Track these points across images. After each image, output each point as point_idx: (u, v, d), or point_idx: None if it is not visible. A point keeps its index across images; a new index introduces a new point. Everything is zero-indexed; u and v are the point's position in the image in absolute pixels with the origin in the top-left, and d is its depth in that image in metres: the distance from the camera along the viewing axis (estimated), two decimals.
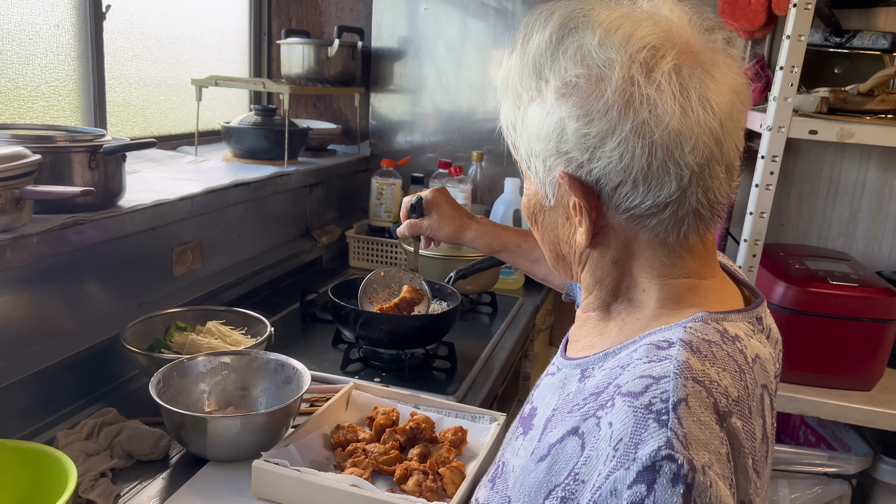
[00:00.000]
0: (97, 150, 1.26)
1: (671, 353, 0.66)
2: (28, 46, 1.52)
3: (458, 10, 2.31)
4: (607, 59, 0.68)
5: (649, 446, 0.59)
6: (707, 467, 0.59)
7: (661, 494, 0.58)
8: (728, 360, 0.68)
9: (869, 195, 2.09)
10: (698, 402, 0.62)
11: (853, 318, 1.64)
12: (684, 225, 0.71)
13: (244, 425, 1.08)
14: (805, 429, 2.04)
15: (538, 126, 0.72)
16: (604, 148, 0.68)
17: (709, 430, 0.62)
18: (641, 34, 0.68)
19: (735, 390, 0.66)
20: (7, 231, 1.10)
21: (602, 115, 0.67)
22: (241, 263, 1.79)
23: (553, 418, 0.75)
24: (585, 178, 0.70)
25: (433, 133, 2.41)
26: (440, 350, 1.53)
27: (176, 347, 1.33)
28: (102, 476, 1.03)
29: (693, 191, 0.68)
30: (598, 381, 0.71)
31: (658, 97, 0.66)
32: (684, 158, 0.67)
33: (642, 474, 0.59)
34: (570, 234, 0.77)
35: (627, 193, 0.69)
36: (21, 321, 1.17)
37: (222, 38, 2.28)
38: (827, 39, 1.99)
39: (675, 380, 0.63)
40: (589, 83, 0.68)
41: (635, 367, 0.67)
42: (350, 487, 0.98)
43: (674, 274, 0.74)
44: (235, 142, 1.98)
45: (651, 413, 0.61)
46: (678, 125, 0.66)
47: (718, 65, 0.69)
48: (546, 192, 0.75)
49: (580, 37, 0.70)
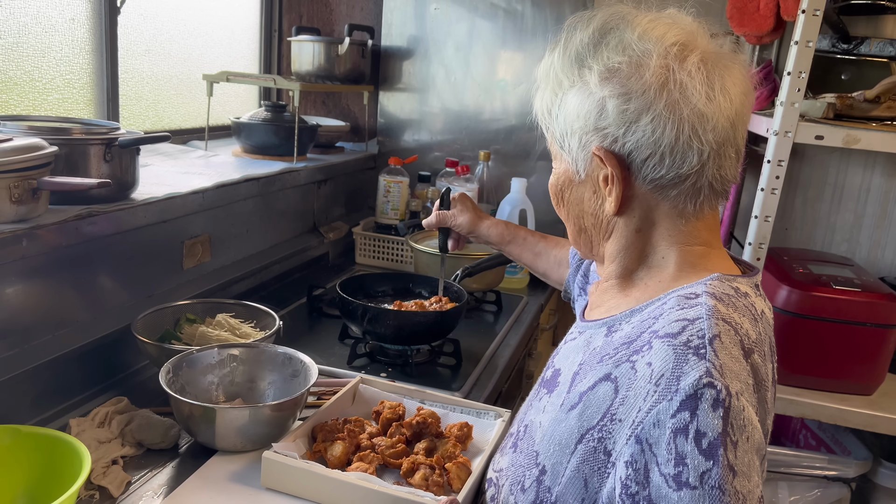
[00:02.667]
0: (112, 143, 1.28)
1: (700, 301, 0.76)
2: (44, 39, 1.54)
3: (467, 11, 2.32)
4: (646, 49, 0.78)
5: (691, 377, 0.68)
6: (740, 394, 0.68)
7: (703, 418, 0.66)
8: (745, 309, 0.78)
9: (873, 201, 2.10)
10: (729, 338, 0.72)
11: (855, 322, 1.65)
12: (700, 196, 0.81)
13: (252, 416, 1.10)
14: (805, 432, 2.05)
15: (579, 106, 0.81)
16: (639, 122, 0.77)
17: (738, 364, 0.71)
18: (673, 33, 0.79)
19: (753, 333, 0.76)
20: (23, 221, 1.12)
21: (640, 94, 0.77)
22: (249, 258, 1.81)
23: (580, 372, 0.83)
24: (619, 150, 0.80)
25: (441, 132, 2.43)
26: (446, 347, 1.55)
27: (186, 339, 1.34)
28: (114, 463, 1.05)
29: (710, 166, 0.79)
30: (627, 333, 0.80)
31: (689, 81, 0.77)
32: (706, 136, 0.77)
33: (685, 402, 0.67)
34: (596, 206, 0.86)
35: (655, 165, 0.79)
36: (35, 310, 1.19)
37: (233, 35, 2.30)
38: (835, 46, 2.00)
39: (708, 319, 0.73)
40: (630, 68, 0.78)
41: (668, 314, 0.76)
42: (358, 480, 0.99)
43: (690, 241, 0.83)
44: (245, 137, 2.00)
45: (690, 348, 0.70)
46: (703, 107, 0.77)
47: (732, 66, 0.80)
48: (577, 167, 0.85)
49: (621, 33, 0.81)
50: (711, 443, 0.65)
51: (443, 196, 1.40)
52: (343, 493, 0.99)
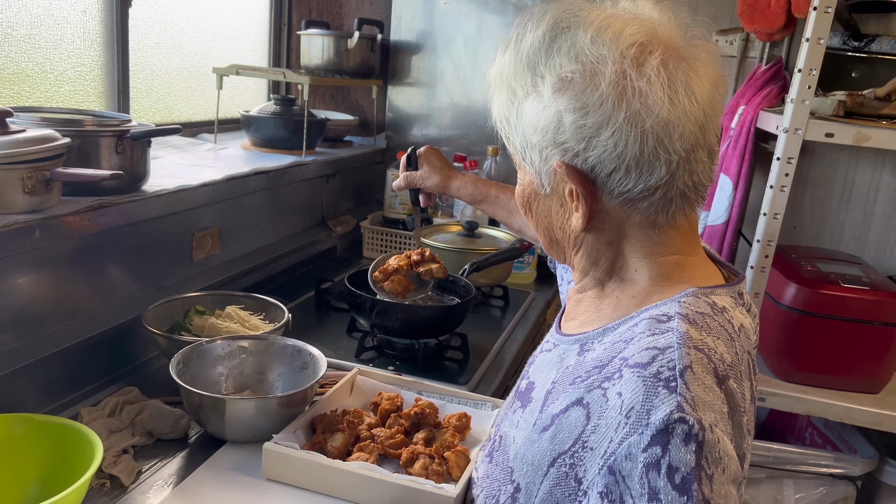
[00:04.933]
0: (124, 135, 1.29)
1: (672, 326, 0.71)
2: (56, 31, 1.55)
3: (476, 6, 2.32)
4: (600, 55, 0.73)
5: (661, 411, 0.64)
6: (713, 425, 0.65)
7: (675, 453, 0.63)
8: (720, 329, 0.74)
9: (883, 199, 2.10)
10: (701, 367, 0.68)
11: (863, 320, 1.65)
12: (672, 206, 0.76)
13: (260, 408, 1.11)
14: (811, 430, 2.05)
15: (535, 119, 0.76)
16: (599, 137, 0.72)
17: (712, 393, 0.67)
18: (630, 32, 0.73)
19: (729, 356, 0.72)
20: (36, 212, 1.13)
21: (597, 108, 0.72)
22: (258, 250, 1.82)
23: (553, 391, 0.79)
24: (581, 166, 0.75)
25: (449, 127, 2.43)
26: (453, 341, 1.56)
27: (195, 330, 1.35)
28: (124, 452, 1.06)
29: (680, 174, 0.74)
30: (599, 355, 0.76)
31: (648, 89, 0.71)
32: (673, 145, 0.72)
33: (656, 437, 0.64)
34: (564, 219, 0.82)
35: (621, 179, 0.74)
36: (46, 300, 1.20)
37: (243, 28, 2.30)
38: (846, 43, 2.00)
39: (678, 349, 0.68)
40: (584, 78, 0.73)
41: (639, 340, 0.72)
42: (359, 469, 1.00)
43: (664, 252, 0.79)
44: (254, 130, 2.00)
45: (660, 381, 0.66)
46: (667, 115, 0.71)
47: (699, 58, 0.74)
48: (542, 180, 0.80)
49: (573, 35, 0.75)
50: (685, 478, 0.63)
51: (409, 156, 1.36)
52: (344, 483, 1.00)
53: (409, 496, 0.97)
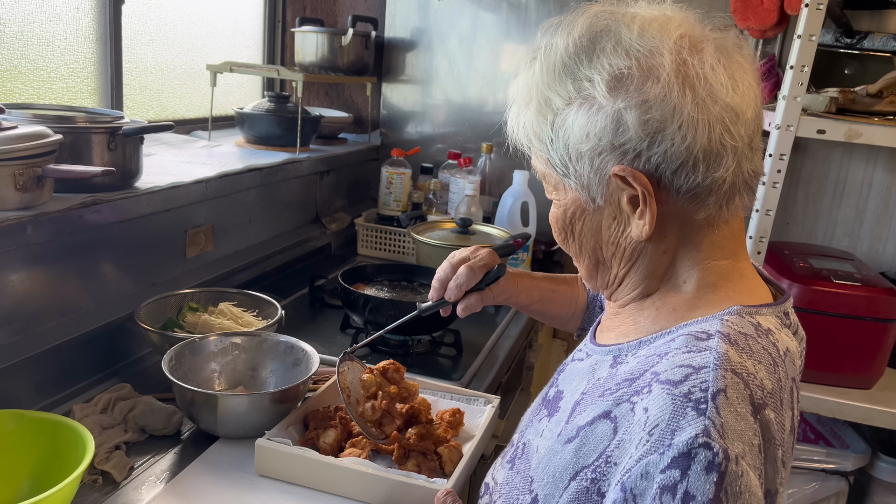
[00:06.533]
0: (116, 132, 1.29)
1: (710, 345, 0.68)
2: (48, 28, 1.55)
3: (471, 3, 2.32)
4: (653, 47, 0.70)
5: (686, 433, 0.61)
6: (740, 457, 0.61)
7: (694, 480, 0.60)
8: (763, 353, 0.70)
9: (875, 196, 2.10)
10: (736, 393, 0.64)
11: (855, 316, 1.65)
12: (736, 197, 0.74)
13: (253, 404, 1.11)
14: (804, 425, 2.05)
15: (584, 126, 0.72)
16: (665, 132, 0.69)
17: (744, 422, 0.63)
18: (674, 25, 0.72)
19: (770, 383, 0.68)
20: (28, 208, 1.13)
21: (661, 99, 0.69)
22: (252, 247, 1.82)
23: (582, 402, 0.76)
24: (644, 167, 0.71)
25: (443, 124, 2.43)
26: (446, 337, 1.56)
27: (188, 327, 1.35)
28: (117, 449, 1.06)
29: (745, 162, 0.72)
30: (631, 368, 0.73)
31: (712, 75, 0.69)
32: (738, 131, 0.70)
33: (677, 460, 0.61)
34: (618, 233, 0.77)
35: (689, 174, 0.70)
36: (39, 297, 1.20)
37: (237, 25, 2.30)
38: (838, 40, 2.00)
39: (714, 370, 0.65)
40: (641, 71, 0.70)
41: (674, 356, 0.68)
42: (352, 464, 1.00)
43: (715, 255, 0.76)
44: (248, 128, 2.00)
45: (690, 402, 0.63)
46: (731, 100, 0.70)
47: (741, 54, 0.74)
48: (592, 193, 0.75)
49: (615, 34, 0.72)
50: None
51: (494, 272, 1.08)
52: (337, 478, 1.01)
53: (402, 490, 0.98)
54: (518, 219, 2.09)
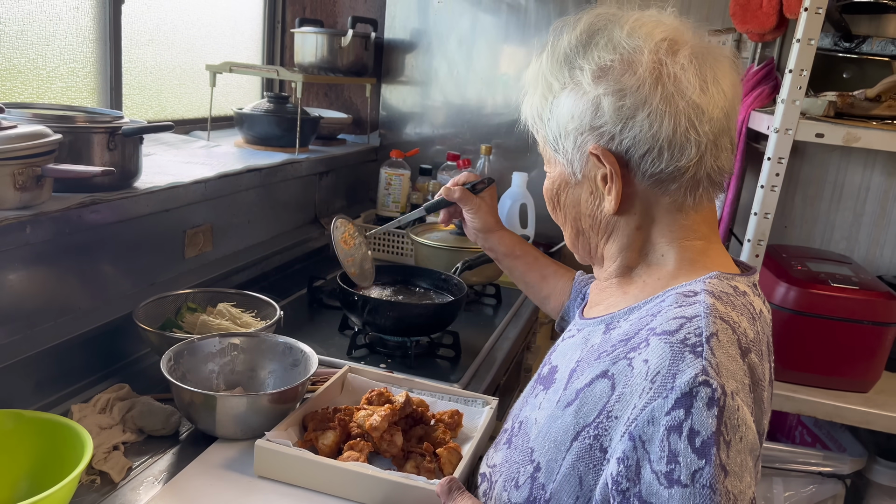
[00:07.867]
0: (116, 132, 1.29)
1: (699, 299, 0.76)
2: (48, 28, 1.55)
3: (470, 5, 2.32)
4: (636, 45, 0.79)
5: (687, 374, 0.68)
6: (735, 393, 0.68)
7: (697, 417, 0.66)
8: (743, 308, 0.78)
9: (873, 199, 2.11)
10: (726, 337, 0.72)
11: (853, 320, 1.66)
12: (700, 188, 0.82)
13: (251, 405, 1.11)
14: (801, 428, 2.06)
15: (572, 107, 0.82)
16: (635, 118, 0.78)
17: (735, 363, 0.71)
18: (660, 30, 0.81)
19: (752, 332, 0.76)
20: (27, 208, 1.13)
21: (635, 90, 0.78)
22: (250, 248, 1.82)
23: (577, 369, 0.82)
24: (616, 148, 0.80)
25: (442, 125, 2.43)
26: (445, 339, 1.56)
27: (187, 327, 1.35)
28: (115, 449, 1.06)
29: (708, 157, 0.80)
30: (625, 330, 0.80)
31: (682, 74, 0.78)
32: (703, 127, 0.78)
33: (680, 400, 0.67)
34: (594, 206, 0.86)
35: (654, 160, 0.79)
36: (37, 296, 1.20)
37: (237, 26, 2.30)
38: (836, 44, 2.01)
39: (706, 318, 0.73)
40: (622, 65, 0.79)
41: (667, 311, 0.76)
42: (351, 466, 1.00)
43: (689, 236, 0.84)
44: (248, 128, 2.00)
45: (686, 346, 0.70)
46: (698, 99, 0.78)
47: (723, 59, 0.82)
48: (573, 168, 0.85)
49: (609, 32, 0.82)
50: (705, 441, 0.65)
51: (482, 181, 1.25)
52: (336, 480, 1.00)
53: (400, 492, 0.98)
54: (517, 220, 2.10)
